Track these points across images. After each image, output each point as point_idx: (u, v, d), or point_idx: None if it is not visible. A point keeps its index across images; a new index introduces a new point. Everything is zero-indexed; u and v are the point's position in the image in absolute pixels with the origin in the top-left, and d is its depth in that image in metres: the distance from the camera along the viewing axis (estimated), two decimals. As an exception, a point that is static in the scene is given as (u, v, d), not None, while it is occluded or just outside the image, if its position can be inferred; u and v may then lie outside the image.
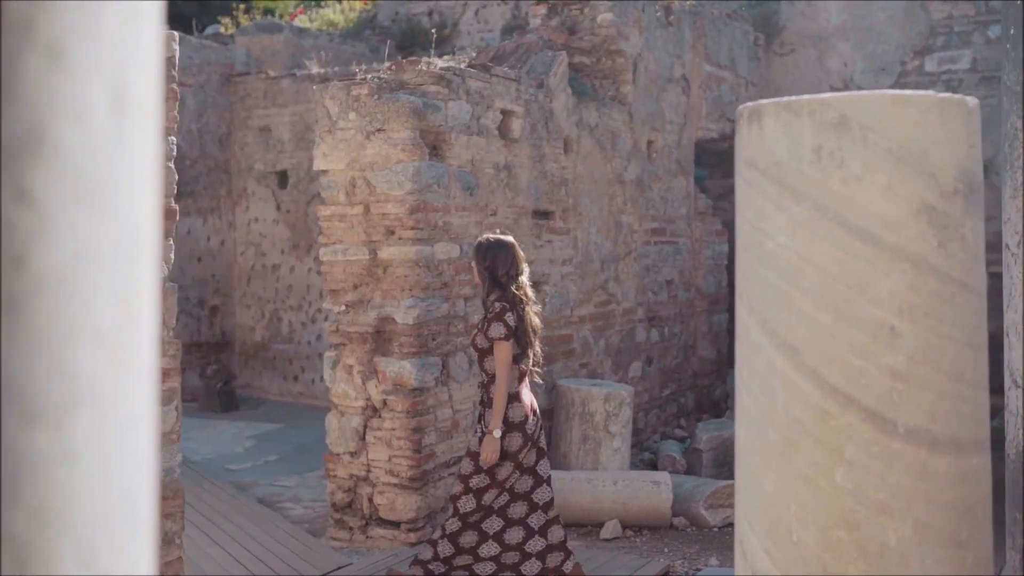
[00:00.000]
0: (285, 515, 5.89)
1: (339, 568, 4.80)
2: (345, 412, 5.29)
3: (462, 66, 5.61)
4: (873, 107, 1.76)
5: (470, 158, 5.47)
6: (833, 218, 1.78)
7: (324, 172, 5.32)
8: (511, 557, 4.14)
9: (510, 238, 4.29)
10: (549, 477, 4.27)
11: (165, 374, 3.69)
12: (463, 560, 4.14)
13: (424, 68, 5.25)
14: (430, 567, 4.12)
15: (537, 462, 4.18)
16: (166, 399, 3.70)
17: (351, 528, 5.27)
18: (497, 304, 4.13)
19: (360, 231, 5.18)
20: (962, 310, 1.79)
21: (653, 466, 6.79)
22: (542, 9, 7.16)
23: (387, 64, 5.50)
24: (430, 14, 14.16)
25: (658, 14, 7.53)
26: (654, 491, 5.44)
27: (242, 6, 14.87)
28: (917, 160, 1.76)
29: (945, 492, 1.78)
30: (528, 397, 4.18)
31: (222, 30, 13.14)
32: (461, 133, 5.38)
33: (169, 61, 3.67)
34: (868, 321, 1.76)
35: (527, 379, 4.21)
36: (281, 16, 14.70)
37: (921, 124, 1.77)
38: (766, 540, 1.90)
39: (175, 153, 3.70)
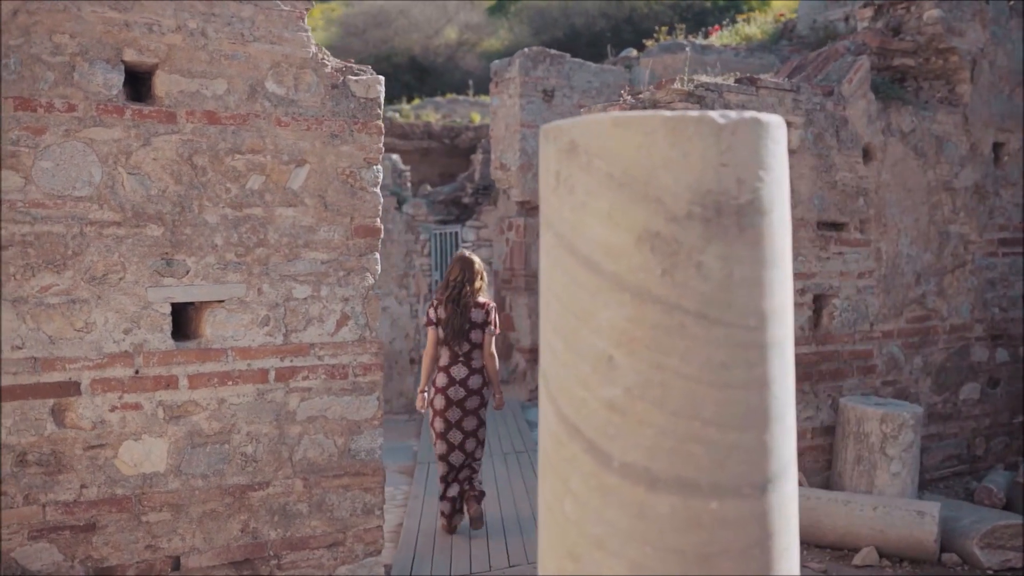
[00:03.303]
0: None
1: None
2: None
3: (730, 82, 5.45)
4: (596, 131, 1.65)
5: (729, 171, 5.30)
6: (566, 246, 1.70)
7: (588, 189, 5.49)
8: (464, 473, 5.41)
9: (467, 255, 5.43)
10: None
11: (367, 368, 4.16)
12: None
13: (679, 86, 5.22)
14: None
15: (479, 408, 5.33)
16: (368, 390, 4.16)
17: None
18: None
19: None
20: (699, 344, 1.61)
21: (971, 496, 6.01)
22: (868, 12, 6.63)
23: (654, 83, 5.53)
24: (846, 19, 13.40)
25: (1011, 2, 6.59)
26: (916, 521, 4.87)
27: (664, 27, 15.22)
28: (640, 185, 1.62)
29: (668, 536, 1.61)
30: (458, 372, 5.29)
31: (634, 53, 13.60)
32: (716, 147, 5.24)
33: (375, 102, 4.12)
34: (590, 352, 1.66)
35: (460, 358, 5.29)
36: (707, 34, 14.79)
37: (645, 147, 1.62)
38: (539, 567, 1.84)
39: (381, 179, 4.15)
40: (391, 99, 25.17)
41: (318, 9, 35.44)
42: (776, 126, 1.68)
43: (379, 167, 4.16)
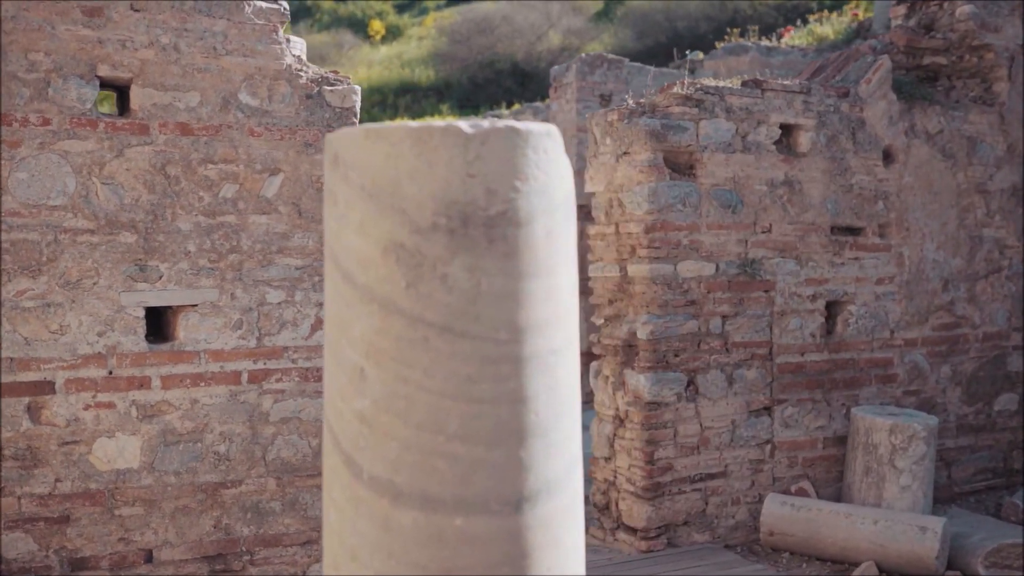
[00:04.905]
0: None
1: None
2: (602, 419, 5.35)
3: (735, 85, 5.31)
4: (352, 143, 1.63)
5: (731, 175, 5.16)
6: (332, 257, 1.68)
7: (593, 194, 5.43)
8: None
9: None
10: None
11: (342, 371, 4.17)
12: None
13: (678, 91, 5.10)
14: None
15: None
16: (343, 392, 4.17)
17: (604, 528, 5.32)
18: None
19: (613, 249, 5.21)
20: (443, 357, 1.56)
21: (997, 513, 5.69)
22: (901, 9, 6.35)
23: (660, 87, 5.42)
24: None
25: (1054, -3, 6.21)
26: (918, 537, 4.63)
27: (736, 30, 14.90)
28: (387, 196, 1.59)
29: (411, 550, 1.58)
30: None
31: (700, 56, 13.35)
32: (717, 151, 5.11)
33: (350, 111, 4.16)
34: (346, 363, 1.64)
35: None
36: (779, 36, 14.41)
37: (392, 157, 1.59)
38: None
39: (356, 187, 4.17)
40: (492, 104, 25.25)
41: (431, 18, 35.70)
42: (540, 135, 1.62)
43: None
